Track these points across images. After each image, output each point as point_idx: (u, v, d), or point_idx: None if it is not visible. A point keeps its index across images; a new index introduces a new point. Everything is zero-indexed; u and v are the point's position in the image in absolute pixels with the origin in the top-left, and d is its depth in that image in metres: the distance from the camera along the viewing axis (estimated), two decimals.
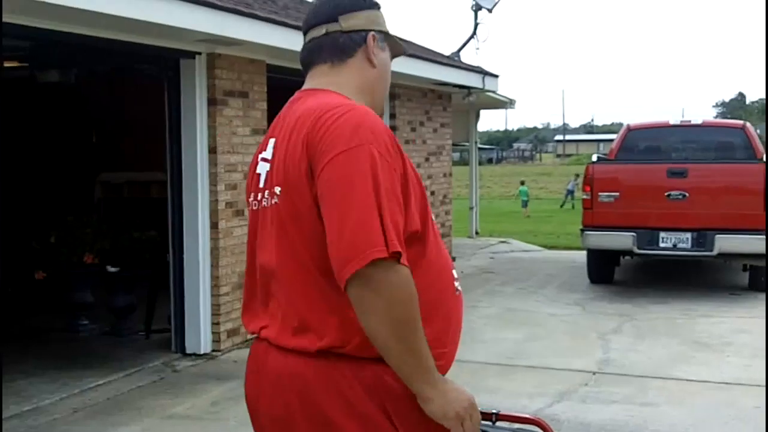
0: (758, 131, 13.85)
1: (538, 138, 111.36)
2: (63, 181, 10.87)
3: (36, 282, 8.13)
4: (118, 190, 11.06)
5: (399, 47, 2.28)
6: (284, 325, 2.03)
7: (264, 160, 2.11)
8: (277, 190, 2.01)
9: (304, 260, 1.97)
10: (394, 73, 2.37)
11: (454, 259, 3.12)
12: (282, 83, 8.78)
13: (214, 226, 7.46)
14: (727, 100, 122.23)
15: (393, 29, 2.32)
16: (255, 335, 2.18)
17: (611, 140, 13.36)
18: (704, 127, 11.75)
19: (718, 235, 9.57)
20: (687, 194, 9.79)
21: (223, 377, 6.71)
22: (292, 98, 2.17)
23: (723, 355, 7.29)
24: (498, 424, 2.23)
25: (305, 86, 2.18)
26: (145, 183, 10.52)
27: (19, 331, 8.04)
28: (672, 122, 11.60)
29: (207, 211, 7.44)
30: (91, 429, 5.48)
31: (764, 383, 6.33)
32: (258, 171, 2.13)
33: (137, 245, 8.23)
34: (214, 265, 7.46)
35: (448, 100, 13.10)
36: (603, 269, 10.73)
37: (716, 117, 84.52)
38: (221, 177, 7.48)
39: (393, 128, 10.74)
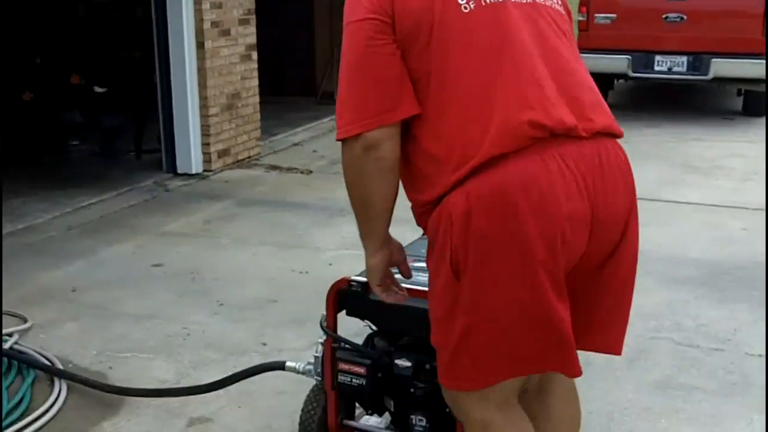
0: None
1: None
2: (45, 1, 10.53)
3: (23, 103, 8.00)
4: (102, 10, 10.76)
5: None
6: (608, 115, 2.13)
7: None
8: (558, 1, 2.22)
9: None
10: None
11: None
12: None
13: (200, 46, 7.29)
14: None
15: None
16: (556, 133, 1.98)
17: None
18: None
19: (714, 59, 9.43)
20: (684, 17, 9.56)
21: (215, 196, 6.73)
22: None
23: (713, 178, 7.31)
24: None
25: None
26: (128, 2, 10.22)
27: (8, 152, 7.98)
28: None
29: (192, 31, 7.23)
30: (86, 245, 5.52)
31: (752, 206, 6.40)
32: None
33: (123, 66, 8.08)
34: (202, 85, 7.33)
35: None
36: None
37: None
38: None
39: None
